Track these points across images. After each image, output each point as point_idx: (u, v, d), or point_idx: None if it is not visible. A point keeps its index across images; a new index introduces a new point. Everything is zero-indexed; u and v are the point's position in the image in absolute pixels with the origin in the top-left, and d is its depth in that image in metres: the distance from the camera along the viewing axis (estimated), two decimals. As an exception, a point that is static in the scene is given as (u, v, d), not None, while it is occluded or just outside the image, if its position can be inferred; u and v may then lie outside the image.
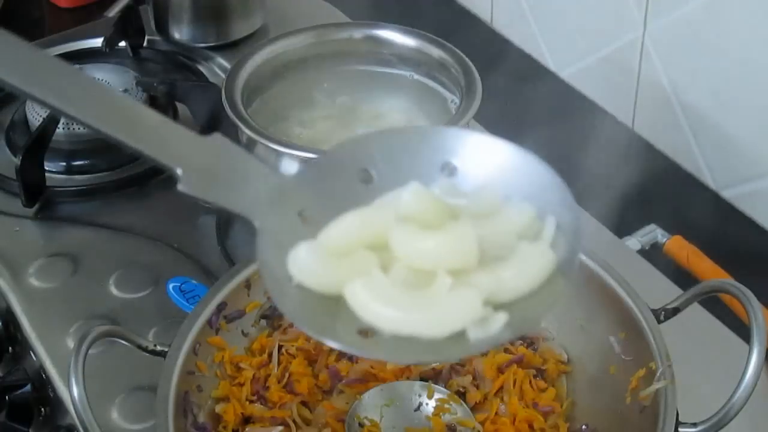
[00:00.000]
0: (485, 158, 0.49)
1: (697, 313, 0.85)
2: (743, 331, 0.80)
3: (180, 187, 0.47)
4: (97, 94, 0.50)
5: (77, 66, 1.11)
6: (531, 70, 1.28)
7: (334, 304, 0.46)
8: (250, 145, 0.89)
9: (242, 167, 0.48)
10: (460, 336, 0.44)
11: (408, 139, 0.50)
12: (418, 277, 0.46)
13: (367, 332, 0.45)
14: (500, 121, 1.12)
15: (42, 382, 0.87)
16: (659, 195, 1.10)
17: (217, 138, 0.48)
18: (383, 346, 0.45)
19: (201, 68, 1.18)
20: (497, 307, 0.45)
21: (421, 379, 0.76)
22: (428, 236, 0.46)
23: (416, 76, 0.97)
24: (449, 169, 0.49)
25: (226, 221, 0.97)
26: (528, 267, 0.46)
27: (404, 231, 0.46)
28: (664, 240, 0.95)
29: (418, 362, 0.64)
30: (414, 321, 0.44)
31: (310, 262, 0.47)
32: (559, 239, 0.47)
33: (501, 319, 0.45)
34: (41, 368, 0.86)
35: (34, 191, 1.00)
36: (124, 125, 0.47)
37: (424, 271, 0.46)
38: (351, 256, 0.46)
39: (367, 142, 0.50)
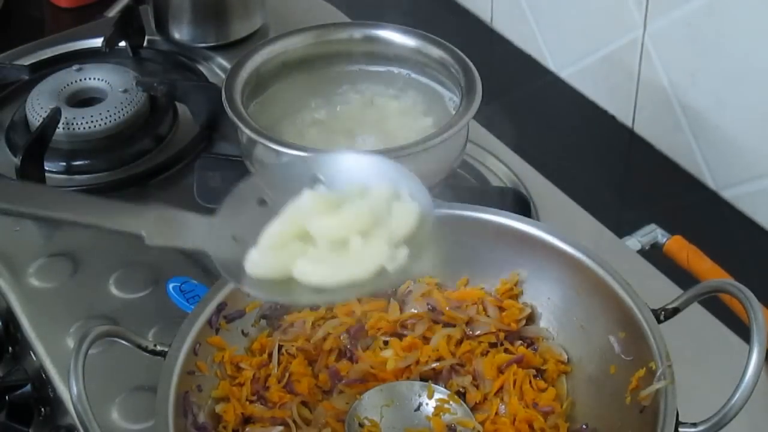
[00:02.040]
0: (341, 167, 0.67)
1: (697, 313, 0.85)
2: (743, 331, 0.80)
3: (146, 242, 0.64)
4: (73, 199, 0.75)
5: (77, 66, 1.11)
6: (531, 70, 1.28)
7: (287, 284, 0.63)
8: (250, 145, 0.89)
9: (182, 219, 0.65)
10: (382, 272, 0.62)
11: (285, 170, 0.72)
12: (338, 245, 0.63)
13: (318, 291, 0.62)
14: (500, 121, 1.13)
15: (42, 382, 0.87)
16: (659, 195, 1.10)
17: (159, 206, 0.65)
18: (332, 295, 0.64)
19: (201, 68, 1.18)
20: (398, 245, 0.63)
21: (421, 379, 0.76)
22: (334, 215, 0.64)
23: (416, 76, 0.97)
24: (318, 181, 0.67)
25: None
26: (404, 215, 0.64)
27: (317, 218, 0.64)
28: (664, 240, 0.95)
29: (361, 296, 0.77)
30: (348, 271, 0.62)
31: (261, 259, 0.63)
32: (416, 196, 0.65)
33: (404, 251, 0.62)
34: (41, 368, 0.86)
35: (34, 191, 1.00)
36: (96, 215, 0.66)
37: (340, 240, 0.63)
38: (287, 247, 0.63)
39: (255, 180, 0.69)
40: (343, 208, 0.64)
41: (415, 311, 0.79)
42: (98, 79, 1.10)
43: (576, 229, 0.95)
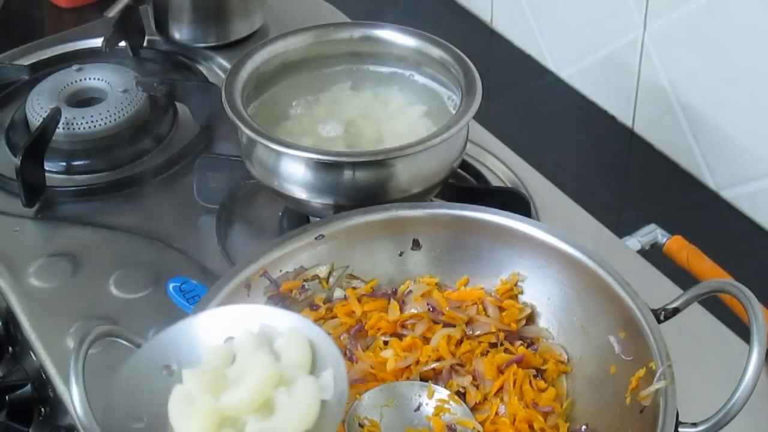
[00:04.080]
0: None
1: (697, 313, 0.85)
2: (743, 331, 0.80)
3: None
4: None
5: (77, 66, 1.11)
6: (531, 70, 1.28)
7: None
8: (250, 145, 0.89)
9: None
10: (324, 405, 0.58)
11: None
12: (263, 409, 0.58)
13: None
14: (500, 121, 1.13)
15: (42, 382, 0.87)
16: (659, 195, 1.10)
17: None
18: None
19: (201, 68, 1.18)
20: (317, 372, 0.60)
21: (421, 379, 0.76)
22: (229, 394, 0.58)
23: (416, 76, 0.97)
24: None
25: (226, 221, 0.97)
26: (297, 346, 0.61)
27: (224, 396, 0.58)
28: (664, 240, 0.95)
29: None
30: (292, 424, 0.57)
31: None
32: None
33: (327, 372, 0.59)
34: (41, 368, 0.86)
35: (34, 191, 1.00)
36: None
37: (263, 405, 0.58)
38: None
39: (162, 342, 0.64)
40: (244, 375, 0.59)
41: (415, 311, 0.79)
42: (98, 79, 1.10)
43: (576, 229, 0.95)
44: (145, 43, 1.22)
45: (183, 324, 0.64)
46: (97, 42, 1.17)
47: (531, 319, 0.79)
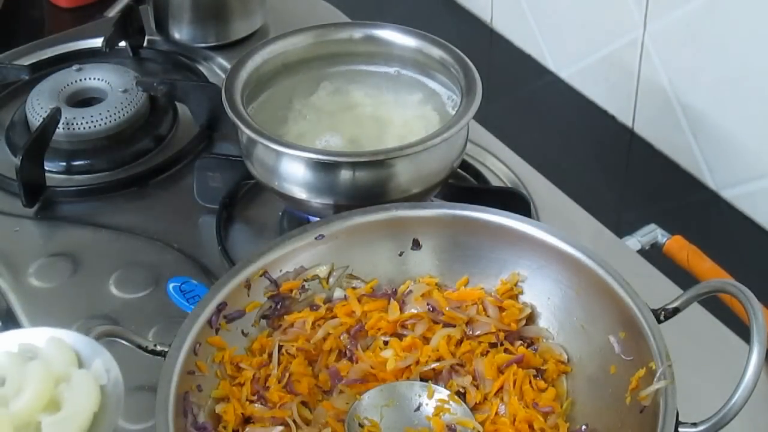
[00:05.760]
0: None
1: (697, 313, 0.85)
2: (743, 331, 0.80)
3: None
4: None
5: (77, 66, 1.11)
6: (531, 70, 1.28)
7: None
8: (250, 145, 0.89)
9: None
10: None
11: None
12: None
13: None
14: (500, 121, 1.13)
15: (42, 382, 0.87)
16: (659, 195, 1.10)
17: None
18: None
19: (201, 68, 1.18)
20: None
21: (421, 380, 0.76)
22: (16, 402, 0.64)
23: (416, 76, 0.97)
24: None
25: (226, 221, 0.97)
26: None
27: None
28: (664, 240, 0.95)
29: None
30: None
31: None
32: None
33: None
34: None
35: (34, 191, 1.00)
36: None
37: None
38: None
39: None
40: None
41: (415, 311, 0.79)
42: (98, 79, 1.10)
43: (576, 229, 0.95)
44: (145, 43, 1.22)
45: None
46: (97, 42, 1.17)
47: (531, 319, 0.79)
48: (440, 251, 0.82)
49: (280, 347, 0.77)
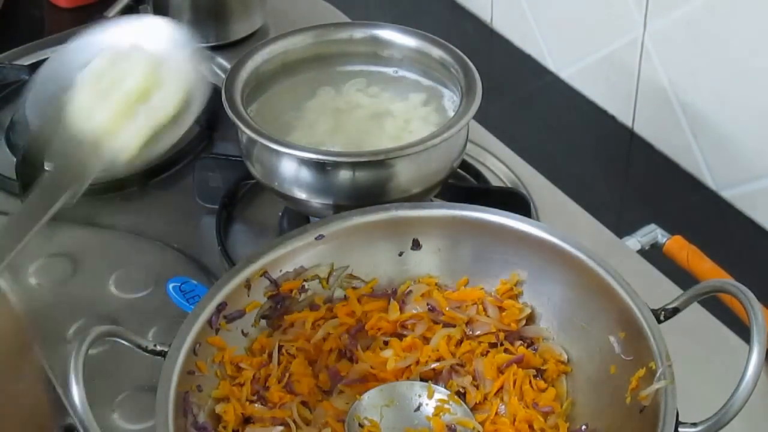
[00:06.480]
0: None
1: (697, 313, 0.86)
2: (743, 331, 0.80)
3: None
4: None
5: (77, 66, 1.11)
6: (531, 70, 1.28)
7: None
8: (250, 145, 0.89)
9: None
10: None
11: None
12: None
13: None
14: (500, 121, 1.13)
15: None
16: (659, 195, 1.10)
17: None
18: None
19: (201, 68, 1.18)
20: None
21: (421, 380, 0.76)
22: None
23: (416, 76, 0.97)
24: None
25: (226, 221, 0.97)
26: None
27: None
28: (664, 240, 0.95)
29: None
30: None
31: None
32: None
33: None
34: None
35: (34, 191, 0.99)
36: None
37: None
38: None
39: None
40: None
41: (415, 311, 0.79)
42: (98, 79, 1.10)
43: (576, 229, 0.95)
44: (145, 43, 1.21)
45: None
46: (97, 42, 1.17)
47: (531, 319, 0.79)
48: (440, 251, 0.82)
49: (280, 347, 0.77)
